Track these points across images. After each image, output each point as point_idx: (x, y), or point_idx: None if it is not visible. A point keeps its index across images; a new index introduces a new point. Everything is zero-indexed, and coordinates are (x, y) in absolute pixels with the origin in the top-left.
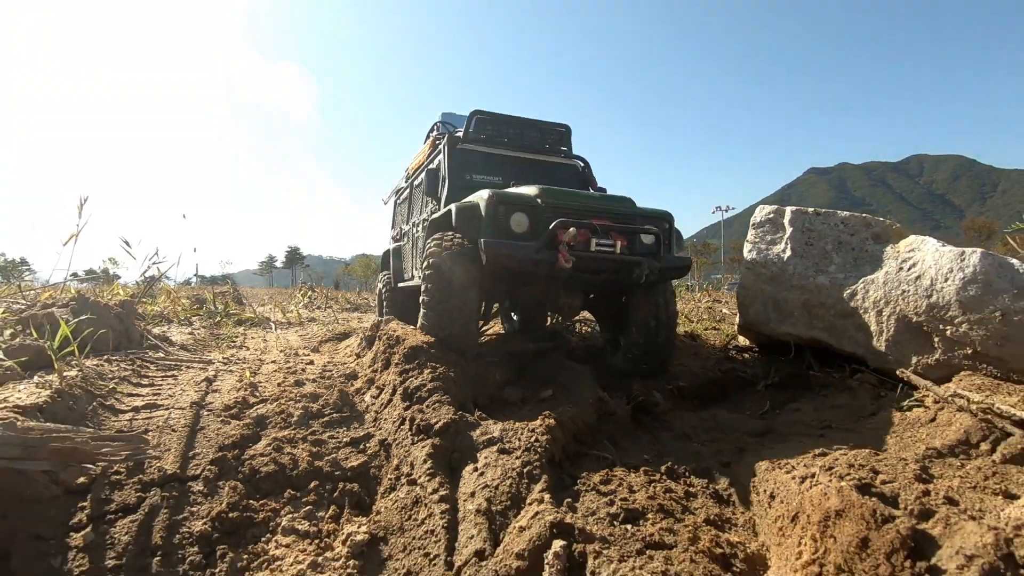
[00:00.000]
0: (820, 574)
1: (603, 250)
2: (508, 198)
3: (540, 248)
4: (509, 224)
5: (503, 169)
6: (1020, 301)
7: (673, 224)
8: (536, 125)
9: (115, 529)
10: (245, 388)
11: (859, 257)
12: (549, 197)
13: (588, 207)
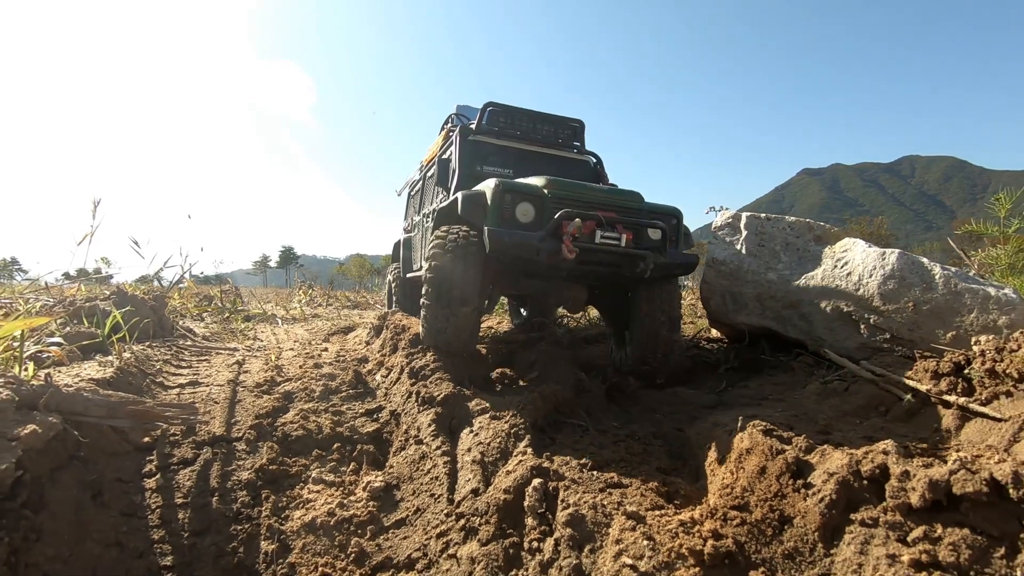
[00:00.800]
0: (731, 492)
1: (608, 242)
2: (515, 187)
3: (544, 238)
4: (515, 214)
5: (514, 162)
6: (928, 293)
7: (681, 221)
8: (549, 119)
9: (179, 476)
10: (272, 369)
11: (803, 256)
12: (556, 188)
13: (595, 199)
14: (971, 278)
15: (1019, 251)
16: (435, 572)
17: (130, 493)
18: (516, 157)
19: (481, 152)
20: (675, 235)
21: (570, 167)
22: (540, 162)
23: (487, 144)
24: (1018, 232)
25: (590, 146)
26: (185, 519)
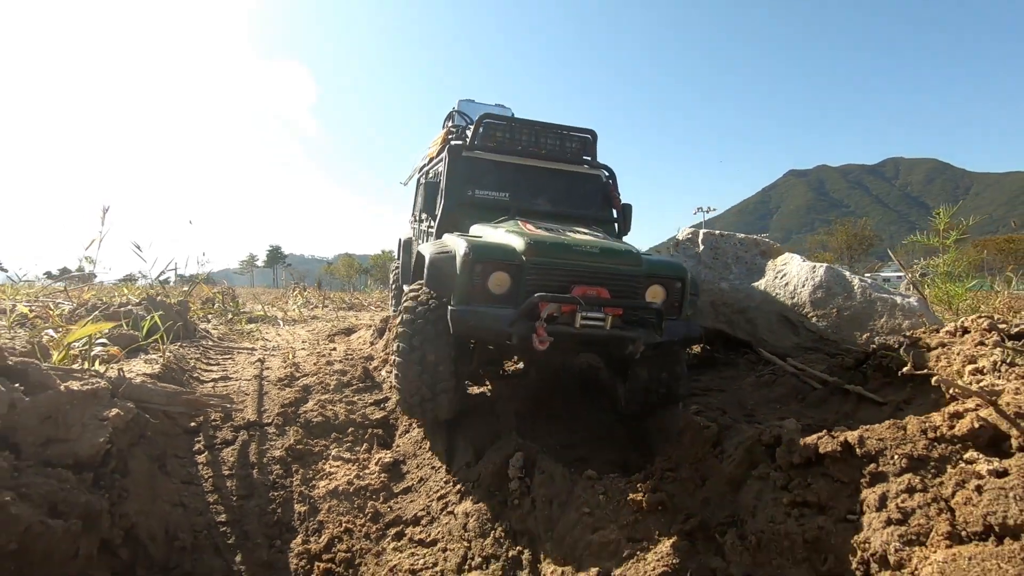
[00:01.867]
0: (669, 460)
1: (591, 324)
2: (487, 255)
3: (515, 321)
4: (487, 284)
5: (513, 181)
6: (848, 301)
7: (687, 281)
8: (555, 130)
9: (223, 453)
10: (290, 367)
11: (750, 269)
12: (536, 253)
13: (582, 267)
14: (883, 288)
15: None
16: (436, 525)
17: (186, 466)
18: (515, 175)
19: (475, 172)
20: (679, 300)
21: (578, 184)
22: (543, 180)
23: (482, 162)
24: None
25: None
26: (232, 487)
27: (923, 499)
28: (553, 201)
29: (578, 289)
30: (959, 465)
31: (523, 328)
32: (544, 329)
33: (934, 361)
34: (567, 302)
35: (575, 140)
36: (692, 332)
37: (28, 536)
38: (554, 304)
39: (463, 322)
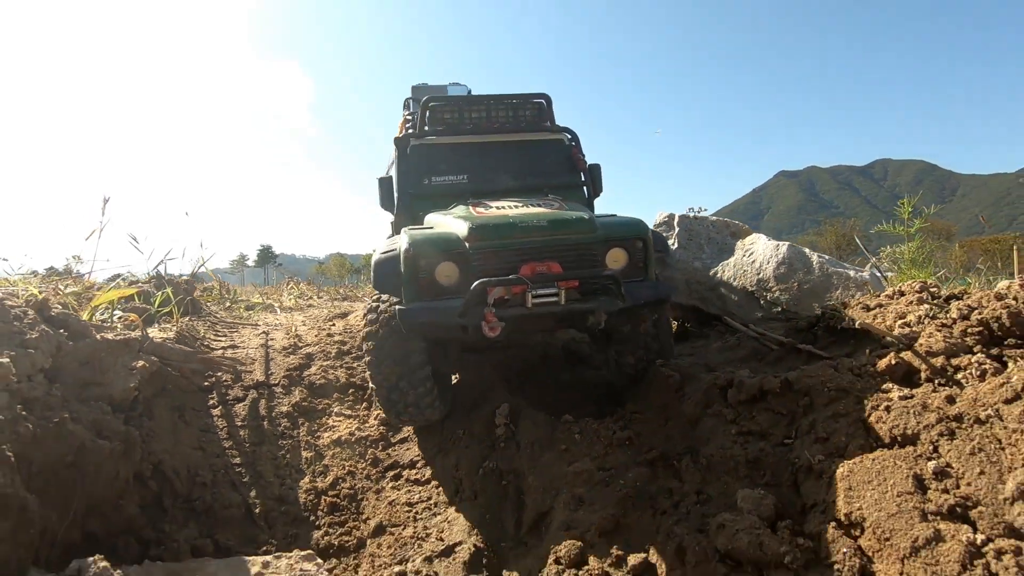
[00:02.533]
0: (638, 404)
1: (544, 302)
2: (429, 247)
3: (465, 312)
4: (435, 278)
5: (471, 161)
6: (808, 276)
7: (648, 240)
8: (506, 100)
9: (235, 408)
10: (293, 338)
11: (721, 248)
12: (480, 238)
13: (529, 243)
14: (839, 263)
15: (919, 248)
16: (430, 467)
17: (203, 417)
18: (473, 155)
19: (429, 160)
20: (643, 260)
21: (540, 152)
22: (502, 154)
23: (435, 148)
24: (918, 233)
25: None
26: (245, 435)
27: (845, 422)
28: (516, 175)
29: (527, 267)
30: (876, 394)
31: (473, 317)
32: (493, 315)
33: (871, 318)
34: (510, 283)
35: (529, 107)
36: (660, 293)
37: (82, 452)
38: (498, 291)
39: (413, 321)
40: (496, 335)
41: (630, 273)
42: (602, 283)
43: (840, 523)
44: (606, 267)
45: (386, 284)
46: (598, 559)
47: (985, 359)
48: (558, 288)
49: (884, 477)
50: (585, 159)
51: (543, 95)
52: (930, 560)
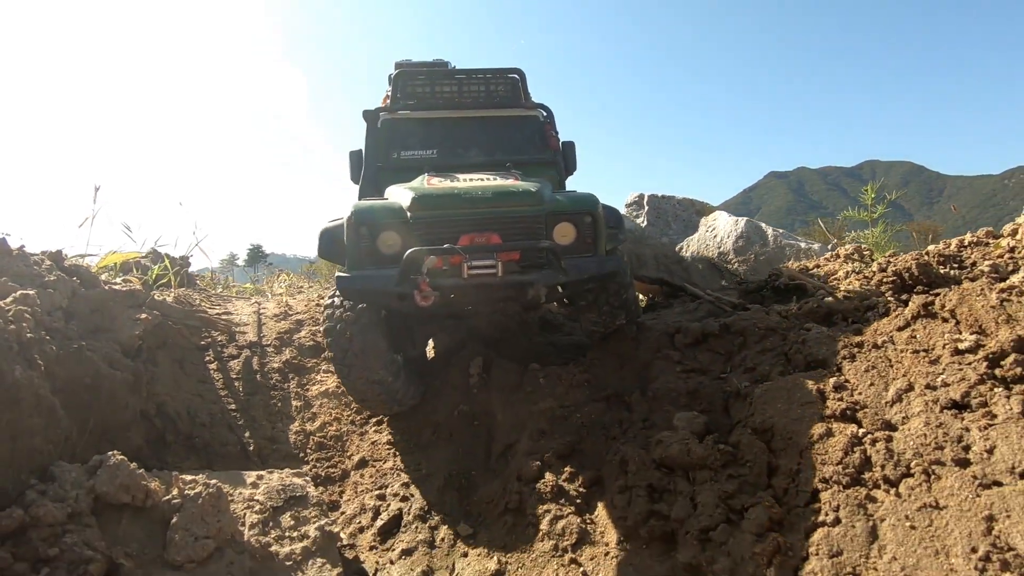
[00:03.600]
0: (597, 352)
1: (480, 274)
2: (372, 216)
3: (401, 281)
4: (376, 246)
5: (442, 136)
6: (764, 247)
7: (597, 215)
8: (479, 75)
9: (231, 364)
10: (284, 307)
11: (687, 225)
12: (422, 208)
13: (471, 215)
14: (792, 236)
15: (882, 232)
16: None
17: (201, 370)
18: (444, 130)
19: (399, 134)
20: (592, 235)
21: (512, 129)
22: (473, 130)
23: (405, 122)
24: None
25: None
26: (239, 386)
27: (771, 355)
28: (486, 150)
29: (466, 238)
30: (798, 331)
31: (408, 286)
32: (427, 284)
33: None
34: (444, 252)
35: (502, 82)
36: (605, 267)
37: (97, 377)
38: (431, 260)
39: (351, 288)
40: (429, 304)
41: (579, 248)
42: (542, 256)
43: (755, 430)
44: (553, 241)
45: (331, 252)
46: (554, 475)
47: (891, 300)
48: (495, 260)
49: (793, 392)
50: (558, 136)
51: (516, 70)
52: (821, 450)
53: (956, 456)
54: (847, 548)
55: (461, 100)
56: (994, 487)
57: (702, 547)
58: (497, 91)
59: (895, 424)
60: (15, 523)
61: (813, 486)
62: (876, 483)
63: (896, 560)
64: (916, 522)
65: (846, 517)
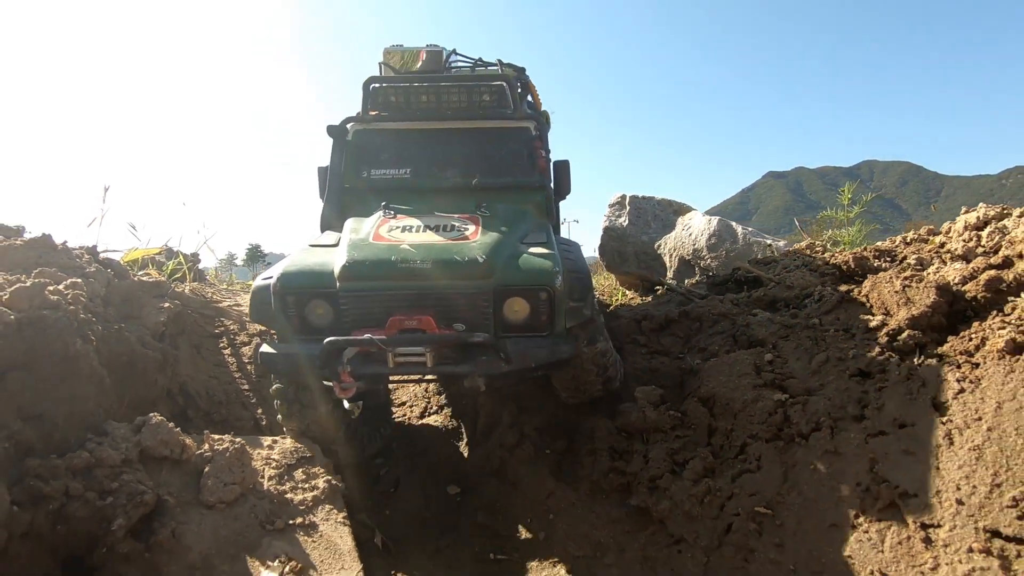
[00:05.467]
0: None
1: (406, 362)
2: (299, 283)
3: (322, 365)
4: (306, 316)
5: (417, 151)
6: (734, 245)
7: (554, 291)
8: (460, 83)
9: (242, 350)
10: None
11: (665, 224)
12: (350, 277)
13: (404, 289)
14: (760, 234)
15: (858, 232)
16: (406, 393)
17: (216, 355)
18: (419, 144)
19: (371, 148)
20: (547, 313)
21: (498, 143)
22: (453, 145)
23: (378, 135)
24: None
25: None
26: (251, 370)
27: (720, 337)
28: (465, 171)
29: (395, 320)
30: (746, 316)
31: (331, 372)
32: (348, 374)
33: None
34: (363, 344)
35: (487, 91)
36: (555, 355)
37: (133, 355)
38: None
39: (272, 365)
40: (350, 395)
41: (532, 326)
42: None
43: (701, 399)
44: (505, 317)
45: (262, 315)
46: (532, 444)
47: (827, 290)
48: (425, 349)
49: (733, 366)
50: (548, 155)
51: (503, 76)
52: (751, 412)
53: (855, 413)
54: (764, 488)
55: (441, 110)
56: (880, 436)
57: (650, 493)
58: (480, 100)
59: (814, 390)
60: (83, 462)
61: (743, 441)
62: (792, 437)
63: (801, 494)
64: (819, 465)
65: (766, 464)
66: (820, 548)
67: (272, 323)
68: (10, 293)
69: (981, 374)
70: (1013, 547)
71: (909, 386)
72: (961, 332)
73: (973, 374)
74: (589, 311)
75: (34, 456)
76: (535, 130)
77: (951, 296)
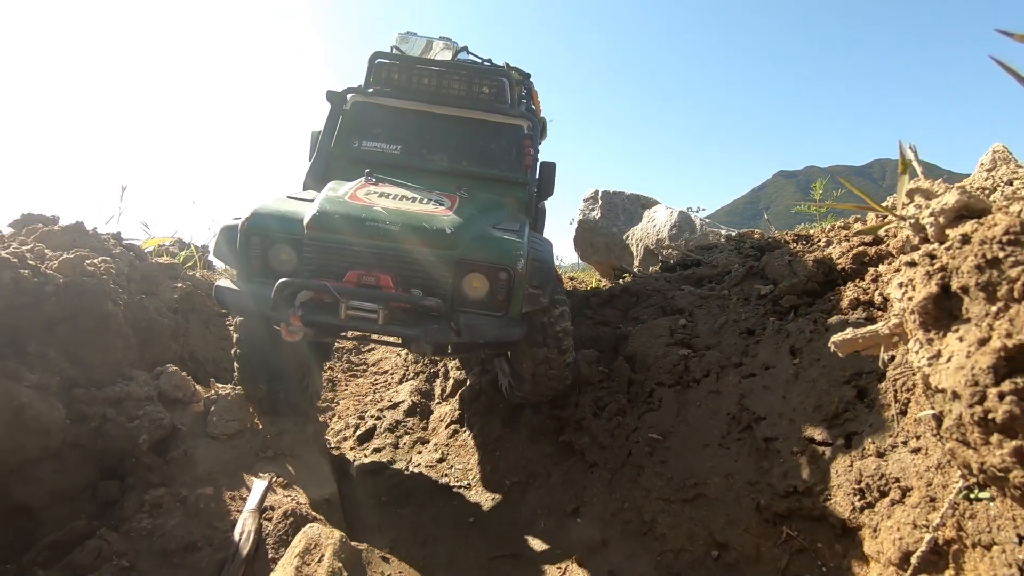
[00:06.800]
0: None
1: (358, 316)
2: (265, 226)
3: (274, 307)
4: (268, 259)
5: (410, 131)
6: (692, 235)
7: (515, 273)
8: (463, 71)
9: None
10: None
11: (633, 216)
12: (318, 228)
13: (373, 246)
14: (716, 225)
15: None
16: (387, 363)
17: (223, 330)
18: (413, 125)
19: (366, 121)
20: (505, 294)
21: (488, 136)
22: (445, 131)
23: (375, 109)
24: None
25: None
26: None
27: (652, 308)
28: (453, 157)
29: (352, 274)
30: (675, 291)
31: (279, 315)
32: (298, 318)
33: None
34: (314, 289)
35: (487, 83)
36: (504, 335)
37: (151, 322)
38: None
39: (224, 301)
40: (297, 339)
41: (488, 304)
42: (466, 298)
43: (626, 357)
44: (463, 292)
45: (225, 254)
46: (488, 399)
47: (737, 267)
48: (378, 306)
49: (653, 330)
50: (536, 154)
51: (502, 71)
52: (661, 364)
53: (736, 361)
54: (661, 422)
55: (439, 95)
56: (750, 377)
57: (576, 431)
58: (480, 92)
59: (712, 346)
60: (115, 395)
61: (651, 388)
62: (688, 382)
63: (687, 424)
64: (705, 402)
65: (666, 404)
66: (693, 462)
67: (234, 263)
68: (58, 263)
69: (828, 324)
70: (820, 448)
71: (778, 338)
72: (826, 295)
73: (821, 325)
74: (546, 299)
75: (78, 388)
76: (528, 129)
77: (827, 267)
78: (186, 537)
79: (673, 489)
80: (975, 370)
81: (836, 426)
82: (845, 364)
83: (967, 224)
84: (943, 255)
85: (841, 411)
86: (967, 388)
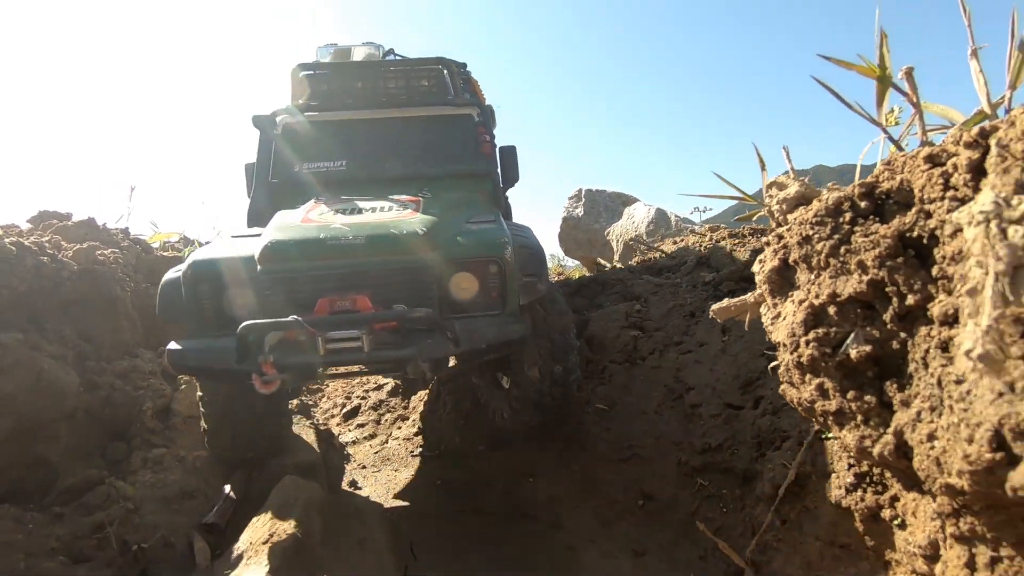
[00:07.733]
0: None
1: (340, 348)
2: (214, 270)
3: (240, 358)
4: (222, 308)
5: (352, 144)
6: (668, 230)
7: (505, 263)
8: (395, 69)
9: None
10: None
11: (614, 213)
12: (272, 260)
13: (334, 268)
14: (690, 220)
15: None
16: None
17: None
18: (357, 136)
19: (301, 142)
20: (499, 288)
21: (439, 131)
22: (393, 135)
23: (308, 127)
24: None
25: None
26: None
27: (614, 296)
28: (407, 161)
29: (324, 301)
30: (636, 280)
31: (250, 364)
32: (271, 365)
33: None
34: (286, 327)
35: (424, 76)
36: (505, 334)
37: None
38: (271, 340)
39: (182, 364)
40: (273, 390)
41: (482, 304)
42: (456, 302)
43: (587, 341)
44: (452, 296)
45: (172, 312)
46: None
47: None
48: (360, 331)
49: (610, 315)
50: (494, 140)
51: (439, 59)
52: (618, 345)
53: (677, 340)
54: (610, 394)
55: (377, 99)
56: (687, 353)
57: None
58: (420, 86)
59: (661, 328)
60: (123, 368)
61: (604, 365)
62: (636, 359)
63: (631, 395)
64: (648, 376)
65: (617, 377)
66: (632, 427)
67: (184, 318)
68: (73, 252)
69: None
70: (734, 411)
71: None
72: None
73: None
74: (544, 286)
75: (90, 361)
76: (478, 116)
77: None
78: (184, 488)
79: (613, 451)
80: (794, 324)
81: (749, 392)
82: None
83: (799, 209)
84: (785, 235)
85: (755, 379)
86: (788, 339)
